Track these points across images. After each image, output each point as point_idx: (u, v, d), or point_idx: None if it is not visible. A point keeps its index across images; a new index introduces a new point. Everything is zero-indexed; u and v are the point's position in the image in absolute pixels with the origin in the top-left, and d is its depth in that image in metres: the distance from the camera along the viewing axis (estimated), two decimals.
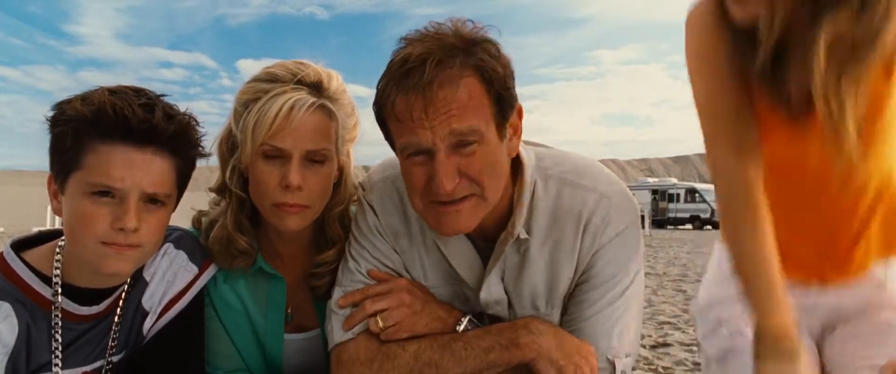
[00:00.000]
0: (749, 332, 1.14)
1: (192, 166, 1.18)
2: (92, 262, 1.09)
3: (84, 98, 1.07)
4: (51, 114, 1.09)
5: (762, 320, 1.11)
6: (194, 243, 1.32)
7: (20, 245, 1.18)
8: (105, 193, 1.06)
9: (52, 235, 1.22)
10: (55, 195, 1.13)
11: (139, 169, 1.07)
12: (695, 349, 3.74)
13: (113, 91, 1.07)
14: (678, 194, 37.45)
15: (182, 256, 1.28)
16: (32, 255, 1.16)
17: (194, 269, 1.29)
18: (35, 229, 1.31)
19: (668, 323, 4.71)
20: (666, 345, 4.02)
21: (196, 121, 1.16)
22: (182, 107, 1.14)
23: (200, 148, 1.17)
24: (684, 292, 6.32)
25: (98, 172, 1.05)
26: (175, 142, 1.10)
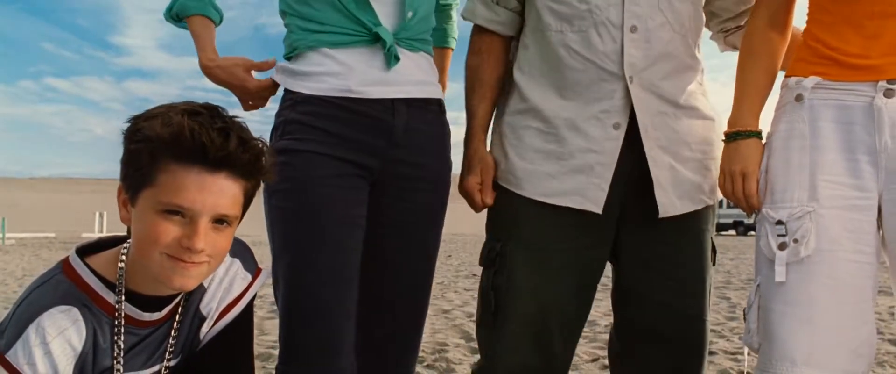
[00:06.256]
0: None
1: (259, 187, 1.22)
2: (158, 275, 1.12)
3: (163, 118, 1.10)
4: (127, 128, 1.13)
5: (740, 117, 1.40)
6: (247, 251, 1.37)
7: (84, 251, 1.22)
8: (176, 212, 1.09)
9: (115, 241, 1.25)
10: (125, 205, 1.16)
11: (211, 192, 1.10)
12: (740, 357, 3.67)
13: (191, 113, 1.10)
14: (721, 200, 36.39)
15: (237, 263, 1.32)
16: (96, 261, 1.20)
17: (248, 276, 1.33)
18: (84, 235, 1.34)
19: (713, 331, 4.63)
20: (711, 353, 3.95)
21: (267, 147, 1.19)
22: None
23: (269, 173, 1.20)
24: (728, 299, 6.19)
25: (171, 192, 1.08)
26: (247, 168, 1.14)
